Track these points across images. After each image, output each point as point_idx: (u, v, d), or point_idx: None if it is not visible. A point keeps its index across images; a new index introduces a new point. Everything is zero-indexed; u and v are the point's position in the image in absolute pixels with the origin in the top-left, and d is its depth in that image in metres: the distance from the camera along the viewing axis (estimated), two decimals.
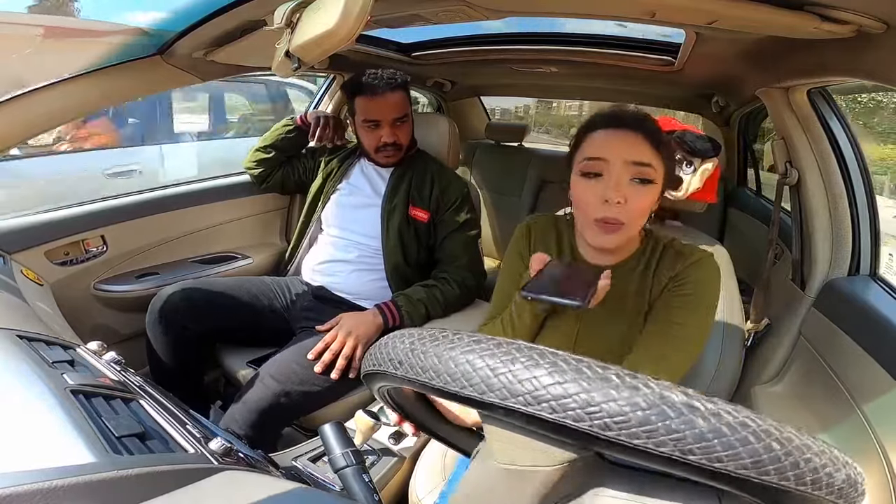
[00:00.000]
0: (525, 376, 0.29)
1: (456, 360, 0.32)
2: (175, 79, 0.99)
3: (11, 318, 0.64)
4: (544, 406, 0.28)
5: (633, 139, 0.69)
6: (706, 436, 0.25)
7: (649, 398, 0.26)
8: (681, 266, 0.74)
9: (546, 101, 10.43)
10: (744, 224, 1.69)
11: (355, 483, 0.49)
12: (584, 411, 0.27)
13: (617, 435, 0.26)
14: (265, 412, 1.00)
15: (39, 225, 1.18)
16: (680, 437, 0.25)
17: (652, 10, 0.77)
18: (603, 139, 0.71)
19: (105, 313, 1.30)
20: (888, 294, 0.94)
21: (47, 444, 0.37)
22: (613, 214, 0.69)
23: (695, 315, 0.72)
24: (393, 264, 1.30)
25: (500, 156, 2.40)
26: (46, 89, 0.86)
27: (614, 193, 0.68)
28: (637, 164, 0.68)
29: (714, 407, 0.26)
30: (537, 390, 0.28)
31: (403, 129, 1.32)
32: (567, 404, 0.27)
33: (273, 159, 1.51)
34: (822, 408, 0.92)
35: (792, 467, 0.25)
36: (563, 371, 0.29)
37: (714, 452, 0.25)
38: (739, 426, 0.26)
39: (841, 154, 1.03)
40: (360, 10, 0.53)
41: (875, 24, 0.62)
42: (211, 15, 0.80)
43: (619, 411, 0.26)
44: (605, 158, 0.69)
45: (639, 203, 0.69)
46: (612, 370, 0.28)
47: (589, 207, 0.71)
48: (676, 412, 0.26)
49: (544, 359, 0.29)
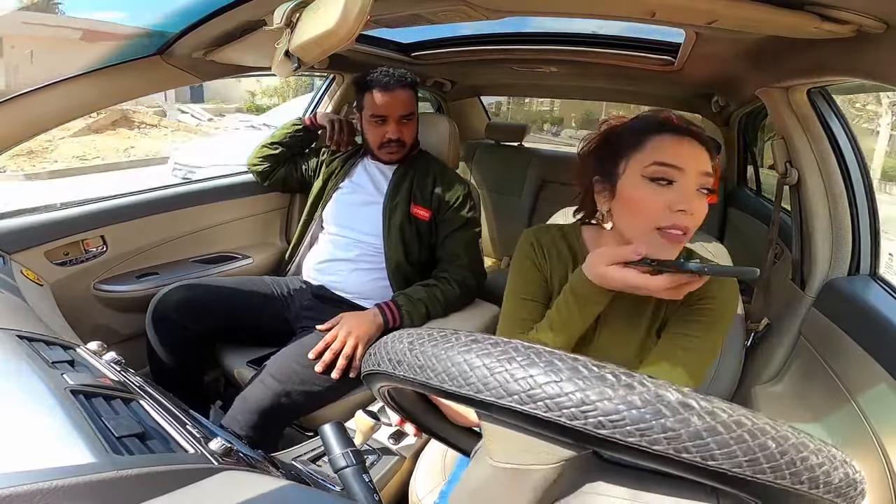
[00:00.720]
0: (521, 375, 0.29)
1: (453, 359, 0.32)
2: (175, 79, 0.99)
3: (11, 318, 0.64)
4: (539, 405, 0.28)
5: (700, 149, 0.68)
6: (701, 434, 0.25)
7: (644, 396, 0.26)
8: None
9: (518, 97, 10.45)
10: (744, 224, 1.69)
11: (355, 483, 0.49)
12: (579, 409, 0.27)
13: (611, 433, 0.26)
14: (266, 412, 1.00)
15: (39, 225, 1.18)
16: (674, 435, 0.25)
17: (652, 10, 0.77)
18: (677, 146, 0.68)
19: (105, 313, 1.30)
20: (888, 294, 0.94)
21: (47, 444, 0.36)
22: (684, 223, 0.66)
23: (712, 332, 0.71)
24: (395, 262, 1.30)
25: (500, 156, 2.40)
26: (46, 89, 0.86)
27: (690, 204, 0.65)
28: (706, 174, 0.67)
29: (709, 405, 0.26)
30: (532, 389, 0.28)
31: (409, 127, 1.33)
32: (562, 402, 0.27)
33: (278, 156, 1.52)
34: (822, 408, 0.92)
35: (788, 465, 0.25)
36: (558, 370, 0.29)
37: (709, 450, 0.25)
38: (734, 424, 0.26)
39: (841, 154, 1.03)
40: (360, 10, 0.53)
41: (875, 24, 0.62)
42: (211, 15, 0.80)
43: (613, 409, 0.26)
44: (681, 167, 0.66)
45: (703, 212, 0.67)
46: (608, 369, 0.28)
47: (655, 214, 0.67)
48: (672, 410, 0.26)
49: (540, 358, 0.30)
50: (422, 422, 0.53)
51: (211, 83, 10.96)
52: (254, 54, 0.93)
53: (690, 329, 0.71)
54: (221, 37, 0.88)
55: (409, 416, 0.51)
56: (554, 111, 15.81)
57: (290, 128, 1.52)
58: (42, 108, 0.88)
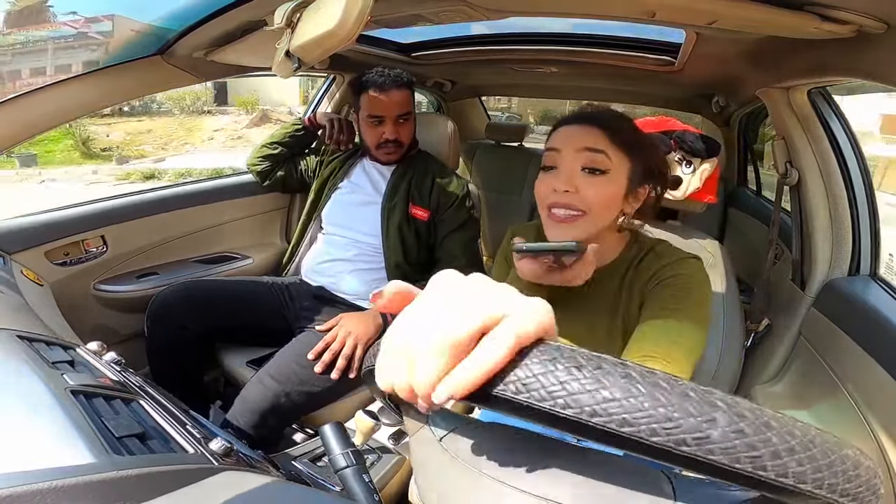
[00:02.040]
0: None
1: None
2: (175, 79, 0.99)
3: (11, 319, 0.64)
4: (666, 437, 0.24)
5: (588, 129, 0.69)
6: (780, 453, 0.23)
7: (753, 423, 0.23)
8: (657, 266, 0.72)
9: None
10: (744, 224, 1.69)
11: (355, 483, 0.49)
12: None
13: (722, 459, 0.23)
14: (266, 412, 1.00)
15: (39, 225, 1.18)
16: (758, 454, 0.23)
17: (652, 10, 0.77)
18: (561, 133, 0.72)
19: (105, 313, 1.30)
20: (888, 294, 0.94)
21: (47, 444, 0.36)
22: (565, 201, 0.68)
23: (687, 299, 0.68)
24: (394, 262, 1.30)
25: (500, 156, 2.39)
26: (46, 89, 0.86)
27: (563, 184, 0.68)
28: (587, 150, 0.68)
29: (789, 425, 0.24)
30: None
31: (406, 127, 1.33)
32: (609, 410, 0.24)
33: (277, 156, 1.52)
34: (822, 408, 0.92)
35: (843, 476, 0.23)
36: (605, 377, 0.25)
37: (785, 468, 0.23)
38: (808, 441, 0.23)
39: (841, 154, 1.03)
40: (360, 10, 0.53)
41: (875, 24, 0.62)
42: (211, 15, 0.80)
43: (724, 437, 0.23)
44: (556, 148, 0.70)
45: (594, 192, 0.68)
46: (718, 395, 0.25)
47: (542, 198, 0.72)
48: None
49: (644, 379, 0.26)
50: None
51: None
52: (254, 54, 0.93)
53: (666, 303, 0.69)
54: (222, 37, 0.88)
55: (408, 416, 0.51)
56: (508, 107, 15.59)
57: (289, 128, 1.51)
58: (42, 108, 0.88)
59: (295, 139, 1.51)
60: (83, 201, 1.31)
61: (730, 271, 0.99)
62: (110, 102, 0.98)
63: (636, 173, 0.71)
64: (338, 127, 1.46)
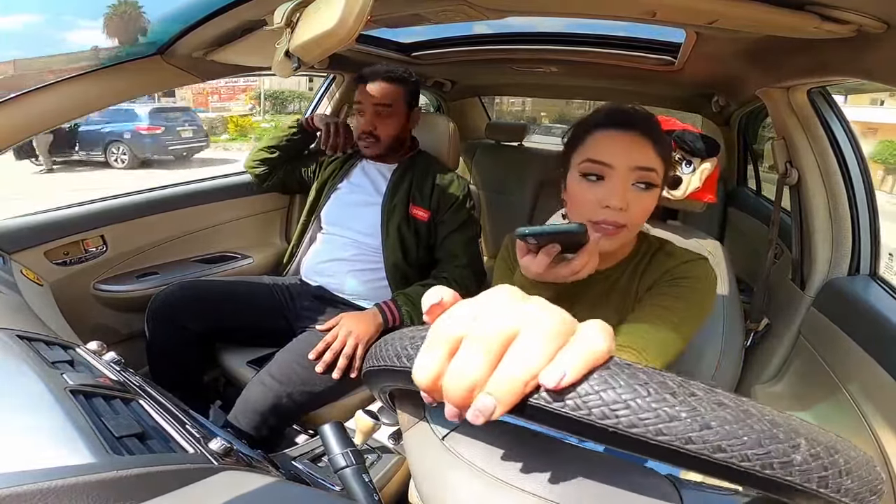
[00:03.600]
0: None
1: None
2: (175, 79, 0.99)
3: (11, 318, 0.64)
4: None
5: (640, 143, 0.67)
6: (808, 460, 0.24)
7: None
8: (671, 264, 0.72)
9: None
10: (744, 224, 1.69)
11: (355, 483, 0.49)
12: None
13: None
14: (267, 412, 1.00)
15: (39, 225, 1.18)
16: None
17: (652, 10, 0.77)
18: (609, 141, 0.68)
19: (105, 313, 1.30)
20: (888, 294, 0.94)
21: (47, 444, 0.36)
22: (613, 218, 0.66)
23: (683, 305, 0.68)
24: (392, 263, 1.30)
25: (500, 156, 2.39)
26: (46, 89, 0.86)
27: (617, 200, 0.65)
28: (642, 169, 0.66)
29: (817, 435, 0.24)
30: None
31: (385, 121, 1.30)
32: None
33: (276, 159, 1.51)
34: (822, 407, 0.92)
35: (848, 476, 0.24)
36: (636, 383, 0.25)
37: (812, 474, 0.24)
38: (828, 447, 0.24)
39: (841, 154, 1.03)
40: (360, 10, 0.53)
41: (875, 24, 0.62)
42: (211, 15, 0.80)
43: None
44: (609, 164, 0.66)
45: (641, 208, 0.68)
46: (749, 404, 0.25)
47: (586, 209, 0.68)
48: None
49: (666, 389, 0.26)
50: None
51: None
52: (254, 54, 0.92)
53: (659, 300, 0.69)
54: (222, 37, 0.87)
55: (392, 404, 0.51)
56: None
57: (287, 130, 1.50)
58: (42, 108, 0.88)
59: (293, 142, 1.50)
60: (83, 201, 1.31)
61: (730, 271, 0.99)
62: (110, 102, 0.98)
63: (666, 178, 0.71)
64: (334, 131, 1.44)
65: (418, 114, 1.38)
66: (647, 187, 0.67)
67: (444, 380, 0.24)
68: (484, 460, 0.34)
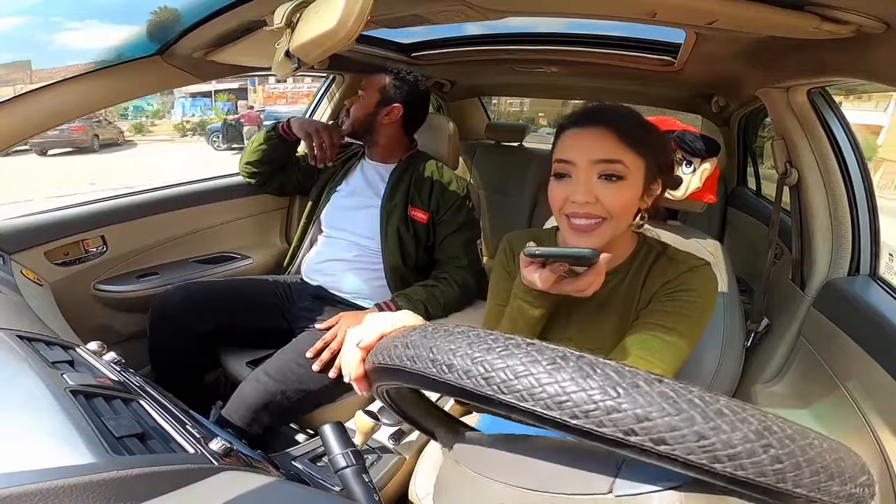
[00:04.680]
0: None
1: (471, 354, 0.32)
2: (175, 79, 0.99)
3: (11, 318, 0.64)
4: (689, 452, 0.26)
5: (600, 136, 0.67)
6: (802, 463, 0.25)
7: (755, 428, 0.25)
8: (673, 272, 0.72)
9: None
10: (744, 224, 1.69)
11: (355, 483, 0.49)
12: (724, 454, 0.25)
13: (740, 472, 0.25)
14: (261, 409, 1.00)
15: (39, 225, 1.18)
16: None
17: (652, 10, 0.77)
18: (571, 139, 0.70)
19: (105, 313, 1.30)
20: (888, 294, 0.94)
21: (47, 444, 0.36)
22: (584, 210, 0.67)
23: (686, 321, 0.69)
24: (391, 265, 1.30)
25: (500, 156, 2.39)
26: (47, 89, 0.87)
27: (581, 195, 0.67)
28: (603, 161, 0.67)
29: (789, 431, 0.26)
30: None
31: (356, 104, 1.34)
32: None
33: (264, 172, 1.48)
34: (822, 407, 0.92)
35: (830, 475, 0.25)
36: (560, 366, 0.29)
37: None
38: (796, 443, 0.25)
39: (841, 154, 1.03)
40: (360, 10, 0.53)
41: (875, 24, 0.62)
42: (211, 15, 0.80)
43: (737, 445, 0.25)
44: (571, 161, 0.68)
45: (613, 199, 0.67)
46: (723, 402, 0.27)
47: (558, 206, 0.70)
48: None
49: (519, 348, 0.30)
50: (419, 422, 0.53)
51: None
52: (254, 54, 0.93)
53: (663, 319, 0.69)
54: (222, 37, 0.88)
55: (407, 416, 0.51)
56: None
57: (264, 141, 1.42)
58: (42, 108, 0.88)
59: (277, 152, 1.44)
60: (83, 201, 1.31)
61: (730, 271, 0.99)
62: (110, 102, 0.98)
63: (650, 171, 0.70)
64: (318, 142, 1.35)
65: (398, 111, 1.32)
66: (614, 178, 0.67)
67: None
68: (478, 463, 0.39)
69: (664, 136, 0.77)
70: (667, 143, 0.76)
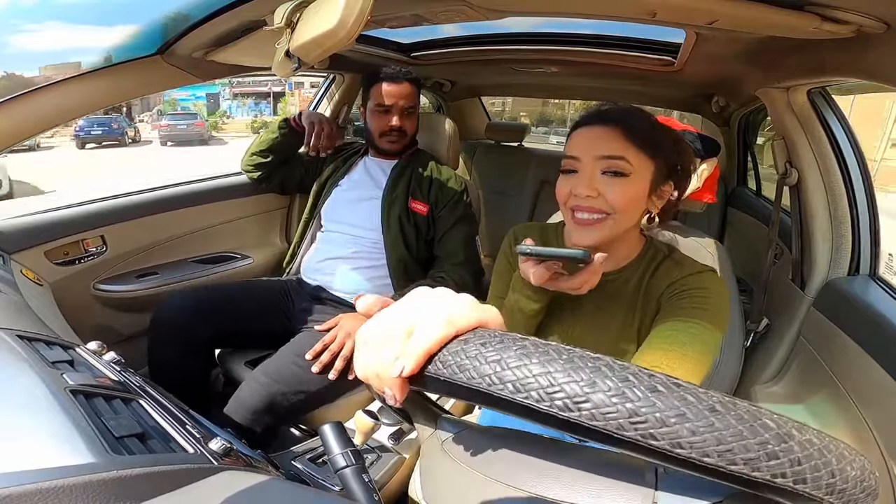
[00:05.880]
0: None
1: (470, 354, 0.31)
2: (175, 79, 0.98)
3: (11, 318, 0.64)
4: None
5: (606, 134, 0.69)
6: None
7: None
8: (678, 274, 0.72)
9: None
10: (744, 224, 1.69)
11: (355, 483, 0.49)
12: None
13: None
14: (260, 410, 1.00)
15: (39, 225, 1.18)
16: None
17: (652, 10, 0.77)
18: (579, 137, 0.71)
19: (105, 313, 1.30)
20: (888, 294, 0.94)
21: (47, 443, 0.36)
22: (588, 204, 0.69)
23: (705, 313, 0.67)
24: (397, 256, 1.31)
25: (500, 156, 2.39)
26: (46, 89, 0.86)
27: (584, 189, 0.68)
28: (606, 157, 0.68)
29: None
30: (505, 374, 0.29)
31: (410, 119, 1.37)
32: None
33: (270, 163, 1.50)
34: (822, 407, 0.92)
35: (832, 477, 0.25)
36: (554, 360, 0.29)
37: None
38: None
39: (841, 154, 1.03)
40: (360, 10, 0.53)
41: (875, 24, 0.62)
42: (211, 15, 0.80)
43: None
44: (577, 157, 0.70)
45: (616, 194, 0.68)
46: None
47: (561, 199, 0.72)
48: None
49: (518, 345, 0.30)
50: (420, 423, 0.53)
51: None
52: (254, 54, 0.92)
53: (682, 315, 0.67)
54: (222, 37, 0.87)
55: (407, 416, 0.51)
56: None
57: (276, 131, 1.48)
58: (42, 108, 0.88)
59: (285, 143, 1.49)
60: (83, 201, 1.31)
61: (730, 271, 0.99)
62: (110, 102, 0.98)
63: (660, 172, 0.70)
64: (317, 131, 1.44)
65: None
66: (617, 174, 0.68)
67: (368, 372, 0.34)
68: (476, 461, 0.37)
69: (678, 138, 0.76)
70: (681, 145, 0.76)
